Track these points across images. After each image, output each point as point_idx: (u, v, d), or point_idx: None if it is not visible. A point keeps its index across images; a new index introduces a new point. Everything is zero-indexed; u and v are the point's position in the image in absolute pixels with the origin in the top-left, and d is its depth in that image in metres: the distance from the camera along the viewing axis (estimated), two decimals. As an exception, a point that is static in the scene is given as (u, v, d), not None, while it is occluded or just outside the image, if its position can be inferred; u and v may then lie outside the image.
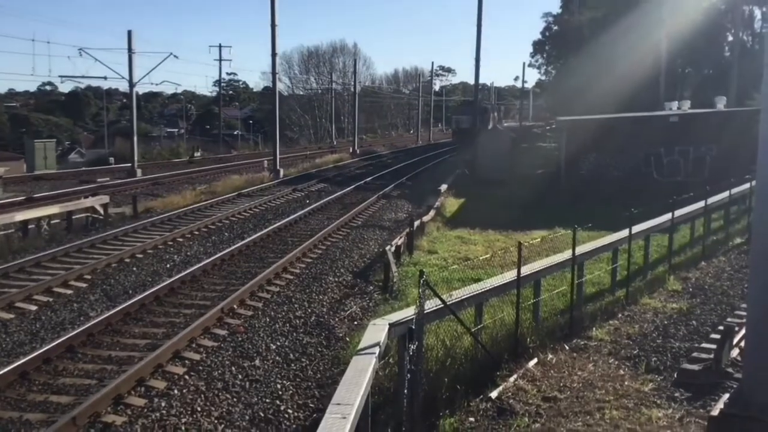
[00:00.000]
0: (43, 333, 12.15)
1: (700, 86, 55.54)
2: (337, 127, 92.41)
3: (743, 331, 10.47)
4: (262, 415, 9.19)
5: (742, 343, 10.22)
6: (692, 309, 13.68)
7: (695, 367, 10.17)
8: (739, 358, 10.24)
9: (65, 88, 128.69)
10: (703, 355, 10.53)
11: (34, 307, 13.48)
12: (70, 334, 11.44)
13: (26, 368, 10.11)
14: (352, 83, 77.98)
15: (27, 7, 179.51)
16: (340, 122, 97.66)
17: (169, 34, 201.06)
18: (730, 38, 55.04)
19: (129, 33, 41.38)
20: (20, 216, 20.45)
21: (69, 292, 14.67)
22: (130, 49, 41.15)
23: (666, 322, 12.78)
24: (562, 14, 70.31)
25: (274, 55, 40.10)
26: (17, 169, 43.18)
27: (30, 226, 20.57)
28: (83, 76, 53.57)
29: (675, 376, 10.11)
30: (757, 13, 54.23)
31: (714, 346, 10.48)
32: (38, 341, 11.68)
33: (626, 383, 9.84)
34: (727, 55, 55.29)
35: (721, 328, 11.36)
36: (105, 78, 75.73)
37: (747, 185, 22.35)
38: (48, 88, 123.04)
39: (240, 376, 10.37)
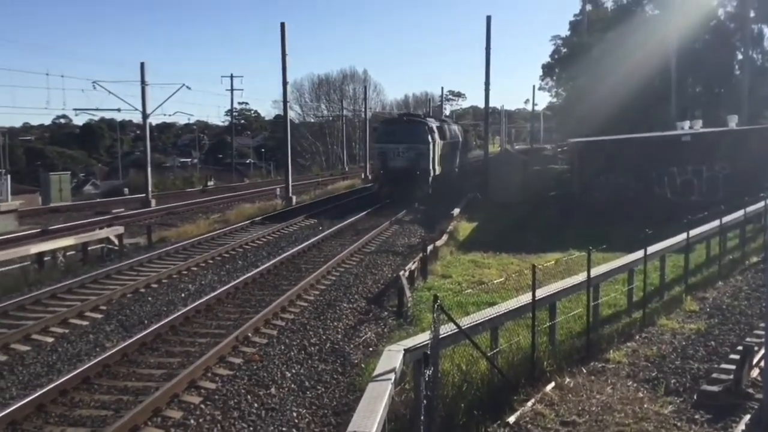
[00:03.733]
0: (59, 365, 12.18)
1: (711, 105, 55.45)
2: (348, 154, 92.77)
3: (762, 351, 10.37)
4: (279, 443, 9.14)
5: (762, 363, 10.11)
6: (710, 329, 13.56)
7: (715, 388, 10.05)
8: (759, 378, 10.12)
9: (79, 120, 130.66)
10: (723, 376, 10.41)
11: (50, 339, 13.53)
12: (87, 366, 11.45)
13: (43, 400, 10.12)
14: (363, 110, 78.46)
15: (41, 42, 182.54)
16: (351, 148, 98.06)
17: (182, 65, 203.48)
18: (740, 57, 55.01)
19: (142, 65, 42.00)
20: (36, 248, 20.61)
21: (85, 323, 14.71)
22: (143, 81, 41.70)
23: (684, 343, 12.65)
24: (570, 36, 70.68)
25: (284, 83, 40.42)
26: (33, 201, 43.57)
27: (46, 258, 20.72)
28: (97, 109, 54.38)
29: (695, 397, 9.99)
30: (766, 31, 54.25)
31: (733, 367, 10.37)
32: (55, 373, 11.70)
33: (645, 406, 9.73)
34: (737, 73, 55.22)
35: (740, 348, 11.24)
36: (119, 110, 76.18)
37: (762, 203, 22.22)
38: (62, 121, 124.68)
39: (256, 405, 10.33)
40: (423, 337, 9.21)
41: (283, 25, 38.83)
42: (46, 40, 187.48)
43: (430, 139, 37.32)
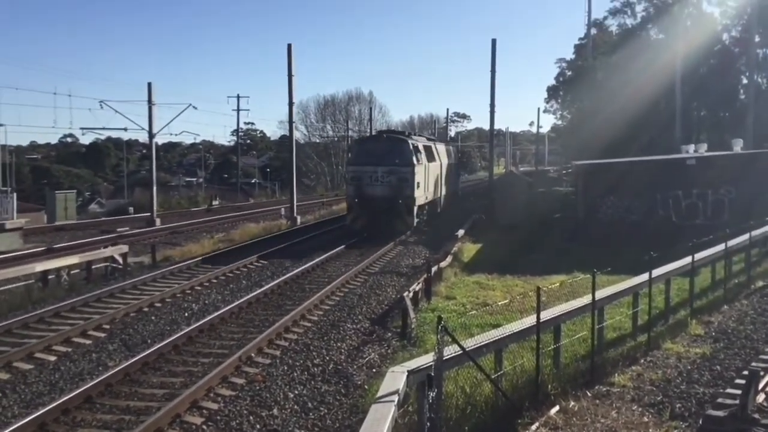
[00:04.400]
0: (61, 383, 12.15)
1: (716, 129, 55.54)
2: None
3: (769, 376, 10.28)
4: (281, 465, 9.08)
5: (768, 389, 10.03)
6: (716, 353, 13.48)
7: (721, 413, 9.95)
8: (765, 404, 10.04)
9: (86, 139, 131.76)
10: (729, 401, 10.32)
11: (53, 358, 13.51)
12: (89, 385, 11.43)
13: (45, 419, 10.09)
14: (368, 130, 78.64)
15: (49, 61, 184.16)
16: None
17: (189, 85, 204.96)
18: (745, 81, 55.16)
19: (149, 85, 42.31)
20: (40, 266, 20.64)
21: (88, 342, 14.70)
22: (150, 101, 41.97)
23: (689, 367, 12.58)
24: (575, 60, 71.03)
25: (290, 104, 40.66)
26: (38, 220, 43.71)
27: (50, 276, 20.73)
28: (104, 128, 54.73)
29: (700, 422, 9.90)
30: (771, 56, 54.39)
31: (739, 392, 10.28)
32: (57, 392, 11.67)
33: (650, 430, 9.66)
34: (742, 97, 55.34)
35: (745, 372, 11.15)
36: (125, 129, 77.22)
37: (767, 227, 22.16)
38: (69, 140, 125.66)
39: (258, 426, 10.28)
40: (427, 359, 9.17)
41: (289, 46, 39.14)
42: (54, 59, 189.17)
43: (415, 161, 31.54)
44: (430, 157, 35.75)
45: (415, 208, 31.86)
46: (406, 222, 31.63)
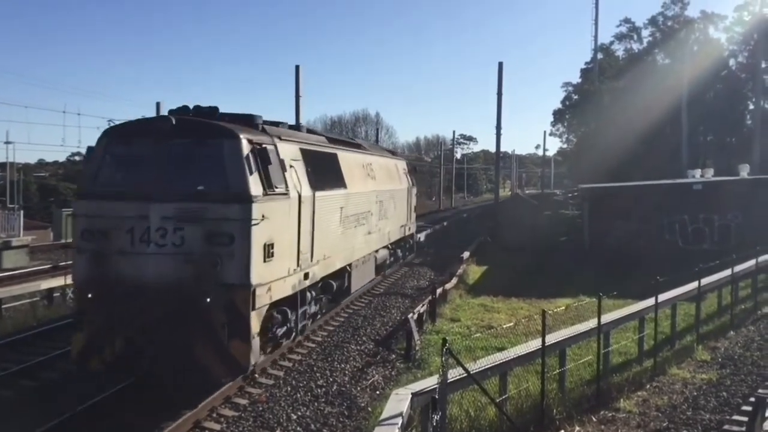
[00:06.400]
0: (65, 402, 12.08)
1: (722, 154, 55.65)
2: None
3: (776, 403, 10.19)
4: (283, 487, 9.01)
5: (775, 416, 9.94)
6: (722, 380, 13.40)
7: (727, 440, 9.89)
8: (772, 431, 9.95)
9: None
10: (735, 428, 10.26)
11: (57, 375, 13.46)
12: (93, 402, 11.35)
13: (47, 437, 10.00)
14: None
15: (59, 80, 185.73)
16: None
17: (196, 103, 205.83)
18: (752, 106, 55.31)
19: (157, 104, 42.36)
20: (46, 284, 20.66)
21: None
22: (158, 120, 42.12)
23: (695, 394, 12.50)
24: (582, 84, 71.31)
25: (298, 124, 40.77)
26: (44, 237, 43.77)
27: (55, 294, 20.74)
28: (112, 146, 54.67)
29: (706, 449, 9.83)
30: (777, 81, 54.58)
31: (746, 419, 10.21)
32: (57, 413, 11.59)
33: (656, 457, 9.57)
34: (749, 123, 55.47)
35: (752, 399, 11.08)
36: (133, 148, 76.95)
37: (774, 253, 22.09)
38: (77, 158, 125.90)
39: (260, 447, 10.20)
40: (431, 381, 9.13)
41: (297, 67, 39.44)
42: (64, 78, 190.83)
43: (254, 186, 11.22)
44: (326, 179, 16.40)
45: (255, 316, 11.40)
46: (228, 354, 10.99)
